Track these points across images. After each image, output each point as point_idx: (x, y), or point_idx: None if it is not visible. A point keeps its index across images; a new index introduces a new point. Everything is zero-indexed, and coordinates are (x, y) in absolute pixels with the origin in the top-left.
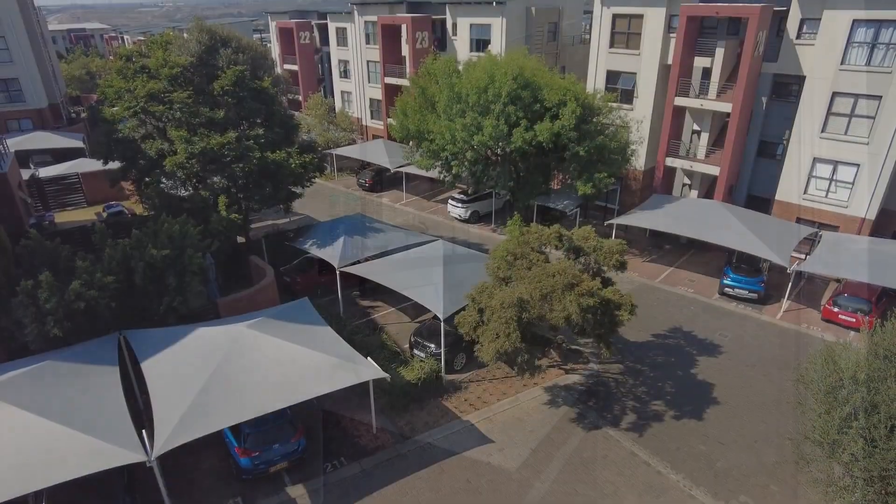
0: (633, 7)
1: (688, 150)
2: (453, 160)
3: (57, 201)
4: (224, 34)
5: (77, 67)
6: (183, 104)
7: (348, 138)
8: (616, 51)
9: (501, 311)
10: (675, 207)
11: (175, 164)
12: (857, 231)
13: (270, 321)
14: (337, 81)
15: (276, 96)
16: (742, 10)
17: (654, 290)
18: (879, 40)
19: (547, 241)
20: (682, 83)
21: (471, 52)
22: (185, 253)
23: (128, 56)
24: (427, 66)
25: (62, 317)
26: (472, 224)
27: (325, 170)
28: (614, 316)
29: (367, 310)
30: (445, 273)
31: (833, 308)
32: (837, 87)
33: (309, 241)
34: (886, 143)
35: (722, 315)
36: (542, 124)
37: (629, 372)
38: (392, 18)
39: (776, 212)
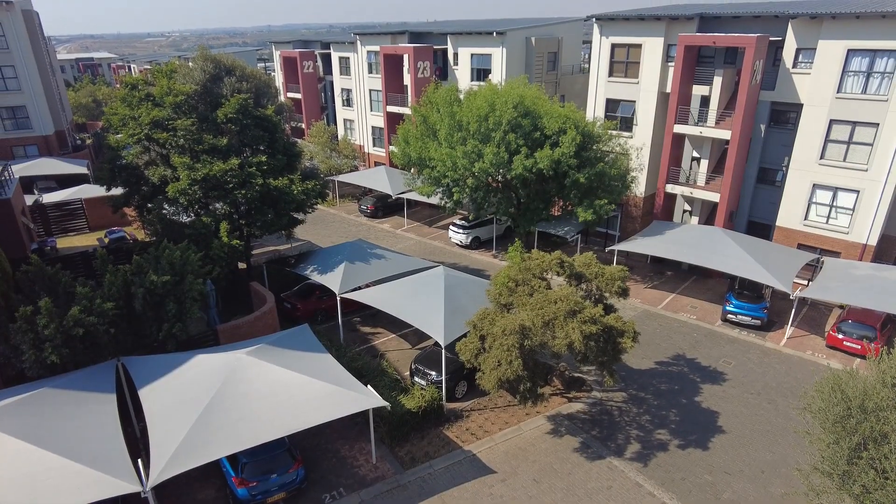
0: (631, 37)
1: (688, 176)
2: (454, 187)
3: (59, 227)
4: (228, 63)
5: (84, 95)
6: (186, 131)
7: (350, 165)
8: (615, 79)
9: (503, 339)
10: (676, 234)
11: (177, 190)
12: (858, 257)
13: (270, 348)
14: (340, 109)
15: (280, 124)
16: (739, 40)
17: (657, 316)
18: (875, 69)
19: (548, 267)
20: (680, 111)
21: (472, 81)
22: (186, 279)
23: (133, 84)
24: (428, 94)
25: (60, 343)
26: (474, 250)
27: (327, 196)
28: (617, 343)
29: (368, 336)
30: (446, 299)
31: (837, 335)
32: (834, 114)
33: (310, 266)
34: (885, 169)
35: (725, 342)
36: (543, 152)
37: (633, 400)
38: (394, 48)
39: (777, 238)
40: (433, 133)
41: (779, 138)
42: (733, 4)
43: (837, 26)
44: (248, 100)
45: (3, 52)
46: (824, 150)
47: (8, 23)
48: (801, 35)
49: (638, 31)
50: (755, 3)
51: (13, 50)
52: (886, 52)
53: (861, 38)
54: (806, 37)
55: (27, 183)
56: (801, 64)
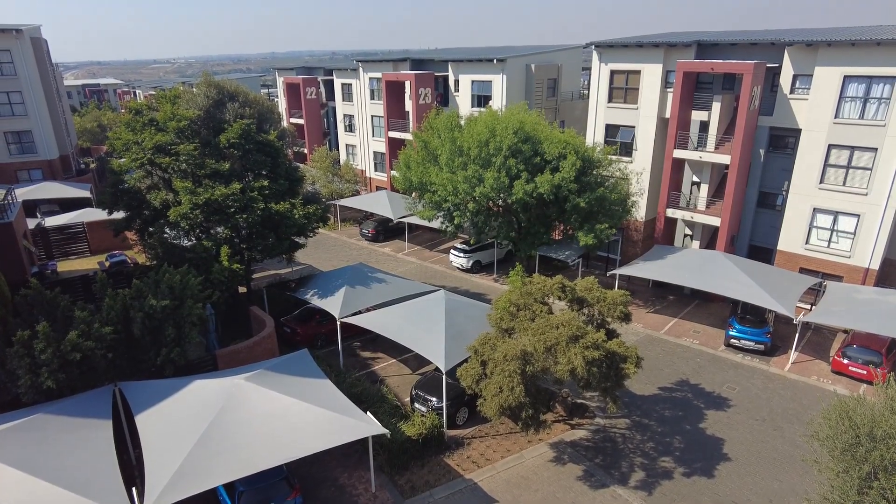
0: (630, 63)
1: (688, 201)
2: (455, 211)
3: (61, 250)
4: (232, 89)
5: (89, 120)
6: (189, 156)
7: (352, 189)
8: (614, 105)
9: (505, 364)
10: (677, 258)
11: (179, 214)
12: (861, 281)
13: (268, 373)
14: (342, 135)
15: (282, 149)
16: (736, 66)
17: (659, 341)
18: (871, 95)
19: (550, 291)
20: (680, 136)
21: (472, 108)
22: (186, 303)
23: (137, 110)
24: (430, 120)
25: (57, 368)
26: (475, 274)
27: (328, 220)
28: (620, 369)
29: (368, 361)
30: (447, 324)
31: (843, 360)
32: (833, 139)
33: (310, 291)
34: (885, 194)
35: (729, 367)
36: (543, 176)
37: (636, 427)
38: (396, 75)
39: (779, 262)
40: (434, 158)
41: (778, 163)
42: (730, 32)
43: (833, 53)
44: (251, 125)
45: (11, 78)
46: (824, 174)
47: (17, 50)
48: (797, 62)
49: (637, 58)
50: (751, 31)
51: (21, 76)
52: (882, 79)
53: (857, 64)
54: (802, 63)
55: (30, 206)
56: (799, 90)
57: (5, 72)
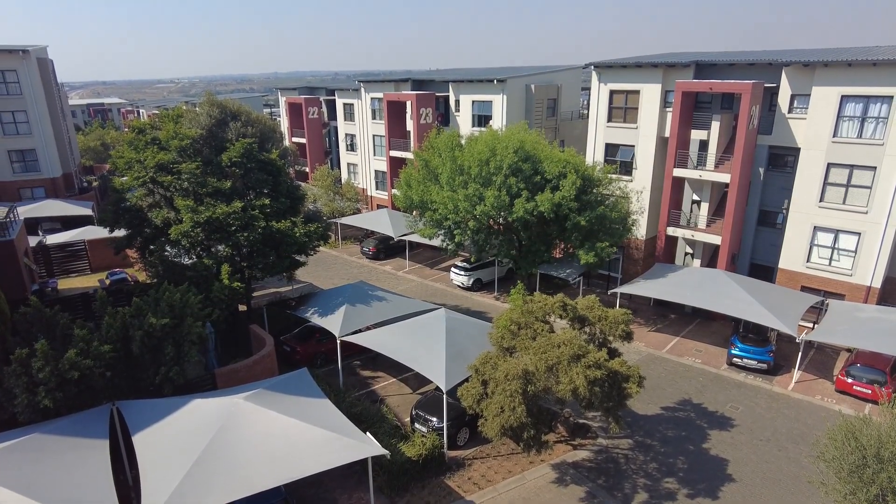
0: (629, 84)
1: (688, 219)
2: (456, 229)
3: (61, 268)
4: (234, 108)
5: (93, 139)
6: (191, 174)
7: (353, 208)
8: (614, 125)
9: (506, 384)
10: (678, 276)
11: (180, 232)
12: (863, 299)
13: (267, 393)
14: (344, 154)
15: (283, 167)
16: (734, 86)
17: (662, 360)
18: (869, 114)
19: (551, 310)
20: (680, 155)
21: (473, 127)
22: (185, 322)
23: (140, 128)
24: (431, 140)
25: (54, 387)
26: (475, 292)
27: (329, 238)
28: (622, 388)
29: (368, 380)
30: (448, 343)
31: (847, 379)
32: (832, 158)
33: (310, 309)
34: (885, 212)
35: (732, 386)
36: (543, 195)
37: (639, 447)
38: (397, 95)
39: (780, 280)
40: (435, 177)
41: (778, 181)
42: (728, 52)
43: (830, 73)
44: (253, 144)
45: (17, 97)
46: (823, 192)
47: (23, 70)
48: (795, 82)
49: (636, 78)
50: (749, 51)
51: (26, 96)
52: (879, 98)
53: (854, 84)
54: (800, 83)
55: (32, 224)
56: (797, 109)
57: (11, 91)
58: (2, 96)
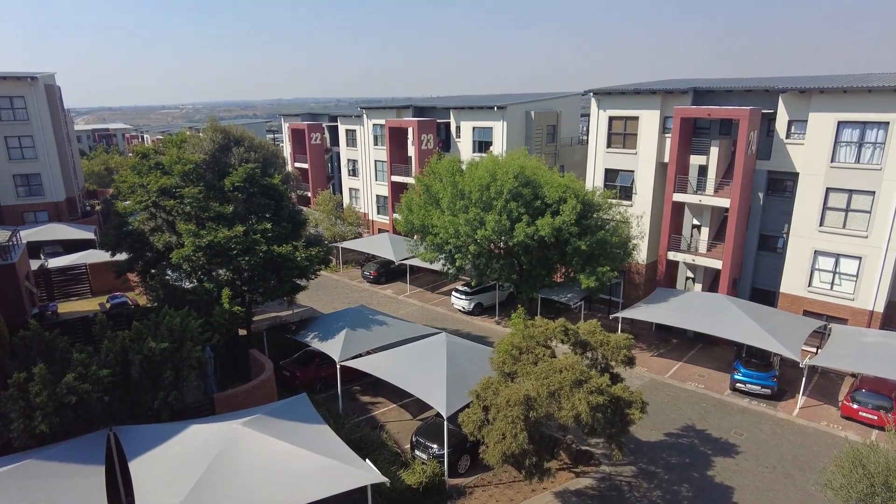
0: (628, 110)
1: (689, 244)
2: (457, 253)
3: (62, 291)
4: (237, 134)
5: (97, 164)
6: (193, 199)
7: (354, 232)
8: (613, 150)
9: (507, 410)
10: (680, 301)
11: (181, 256)
12: (866, 324)
13: (266, 419)
14: (345, 179)
15: (286, 192)
16: (732, 112)
17: (664, 385)
18: (866, 139)
19: (552, 334)
20: (679, 180)
21: (473, 153)
22: (185, 346)
23: (144, 153)
24: (432, 165)
25: (51, 411)
26: (476, 316)
27: (330, 262)
28: (625, 414)
29: (368, 406)
30: (449, 368)
31: (852, 404)
32: (830, 183)
33: (310, 333)
34: (885, 236)
35: (735, 412)
36: (544, 219)
37: (643, 474)
38: (399, 122)
39: (782, 305)
40: (436, 201)
41: (778, 206)
42: (725, 79)
43: (826, 100)
44: (256, 169)
45: (23, 123)
46: (823, 217)
47: (31, 96)
48: (791, 108)
49: (634, 105)
50: (746, 78)
51: (33, 121)
52: (876, 124)
53: (850, 110)
54: (797, 109)
55: (34, 248)
56: (795, 135)
57: (18, 117)
58: (9, 122)
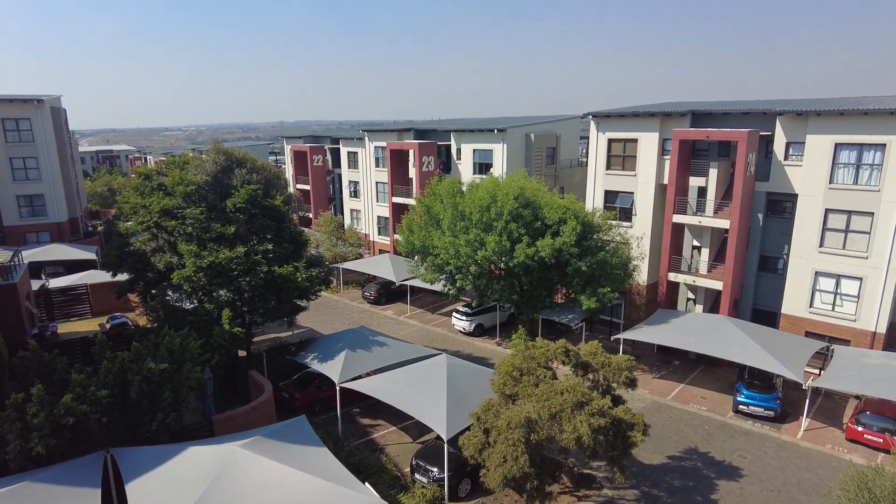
0: (627, 132)
1: (689, 265)
2: (457, 274)
3: (62, 312)
4: (240, 156)
5: (100, 185)
6: (195, 220)
7: (355, 253)
8: (613, 172)
9: (508, 432)
10: (681, 322)
11: (182, 277)
12: (869, 345)
13: (265, 441)
14: (347, 200)
15: (287, 213)
16: (730, 134)
17: (666, 408)
18: (863, 161)
19: (553, 356)
20: (679, 201)
21: (474, 175)
22: (184, 367)
23: (147, 174)
24: (432, 186)
25: (48, 433)
26: (477, 337)
27: (331, 283)
28: (627, 437)
29: (367, 428)
30: (449, 390)
31: (857, 427)
32: (829, 204)
33: (310, 355)
34: (885, 257)
35: (739, 434)
36: (544, 240)
37: (645, 498)
38: (400, 144)
39: (784, 325)
40: (436, 222)
41: (777, 226)
42: (722, 102)
43: (823, 122)
44: (258, 190)
45: (29, 144)
46: (823, 238)
47: (36, 119)
48: (789, 130)
49: (633, 127)
50: (743, 101)
51: (38, 143)
52: (872, 146)
53: (847, 132)
54: (794, 132)
55: (36, 268)
56: (793, 156)
57: (24, 139)
58: (14, 143)
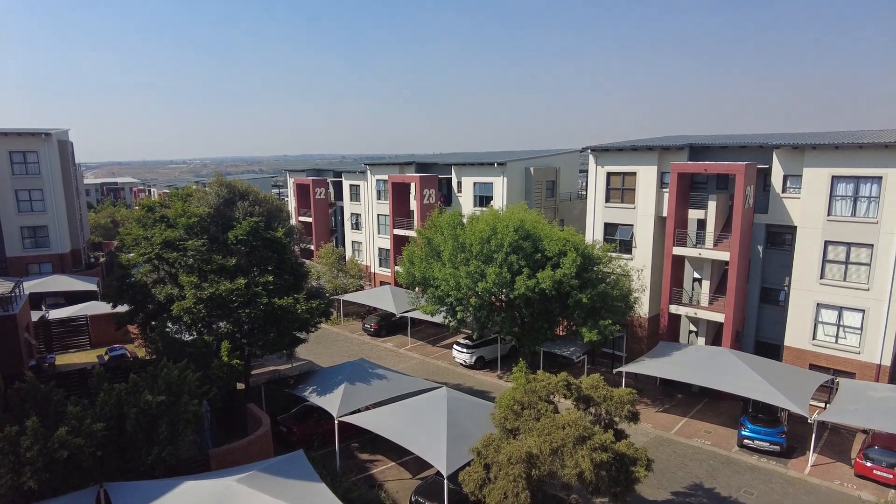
0: (625, 166)
1: (690, 297)
2: (458, 305)
3: (61, 343)
4: (242, 188)
5: (104, 216)
6: (196, 251)
7: (356, 284)
8: (612, 205)
9: (509, 468)
10: (683, 355)
11: (182, 308)
12: (874, 378)
13: (261, 476)
14: (349, 232)
15: (288, 245)
16: (728, 167)
17: (670, 442)
18: (860, 193)
19: (555, 389)
20: (678, 234)
21: (474, 207)
22: (182, 399)
23: (150, 206)
24: (433, 219)
25: (41, 467)
26: (478, 370)
27: (331, 315)
28: (630, 472)
29: (366, 464)
30: (449, 424)
31: (865, 462)
32: (828, 236)
33: (309, 388)
34: (887, 289)
35: (744, 470)
36: (545, 272)
37: None
38: (402, 177)
39: (787, 358)
40: (437, 254)
41: (778, 258)
42: (720, 136)
43: (819, 155)
44: (260, 223)
45: (35, 177)
46: (823, 270)
47: (43, 152)
48: (786, 163)
49: (632, 161)
50: (740, 135)
51: (44, 176)
52: (869, 179)
53: (843, 165)
54: (791, 165)
55: (37, 299)
56: (790, 189)
57: (30, 171)
58: (21, 175)
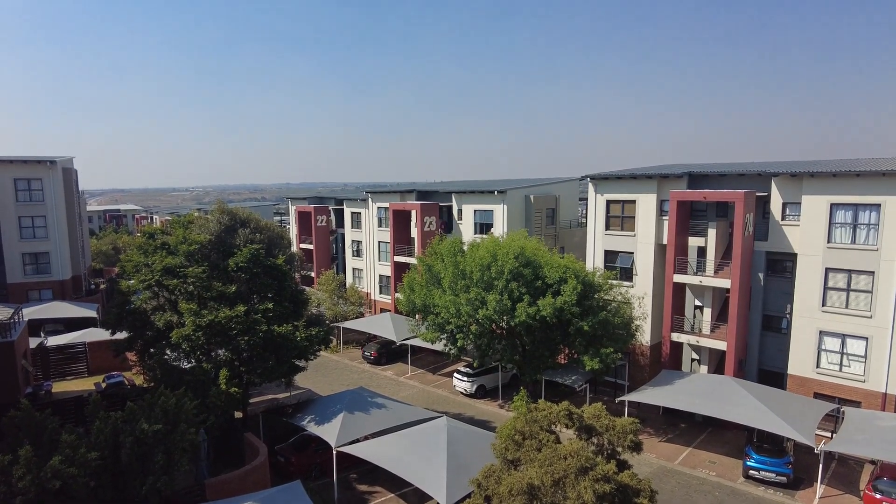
0: (625, 194)
1: (692, 325)
2: (458, 333)
3: (59, 370)
4: (244, 216)
5: (106, 243)
6: (196, 278)
7: (357, 312)
8: (612, 232)
9: (510, 500)
10: (686, 383)
11: (181, 336)
12: (880, 407)
13: None
14: (349, 259)
15: (289, 272)
16: (727, 195)
17: (674, 473)
18: (860, 221)
19: (556, 419)
20: (678, 261)
21: (475, 234)
22: (179, 428)
23: (151, 233)
24: (434, 246)
25: (33, 497)
26: (479, 399)
27: (330, 342)
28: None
29: (365, 496)
30: (449, 455)
31: (875, 494)
32: (829, 263)
33: (307, 417)
34: (889, 316)
35: (751, 501)
36: (545, 300)
37: None
38: (403, 205)
39: (791, 387)
40: (437, 281)
41: (779, 286)
42: (718, 164)
43: (817, 183)
44: (260, 250)
45: (39, 204)
46: (825, 297)
47: (48, 179)
48: (785, 191)
49: (631, 189)
50: (739, 163)
51: (48, 203)
52: (868, 206)
53: (842, 193)
54: (790, 192)
55: (36, 325)
56: (790, 216)
57: (34, 198)
58: (25, 203)
